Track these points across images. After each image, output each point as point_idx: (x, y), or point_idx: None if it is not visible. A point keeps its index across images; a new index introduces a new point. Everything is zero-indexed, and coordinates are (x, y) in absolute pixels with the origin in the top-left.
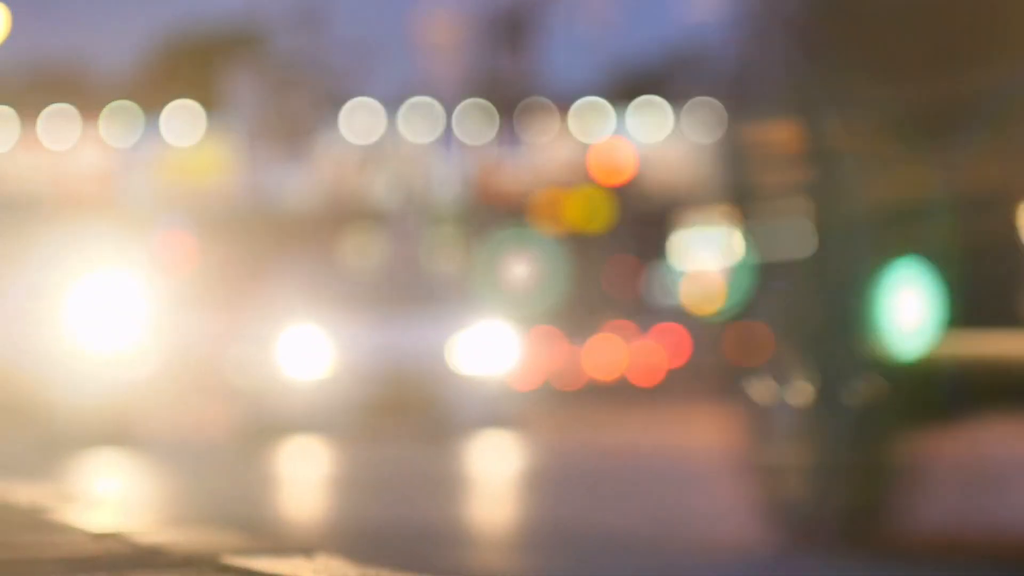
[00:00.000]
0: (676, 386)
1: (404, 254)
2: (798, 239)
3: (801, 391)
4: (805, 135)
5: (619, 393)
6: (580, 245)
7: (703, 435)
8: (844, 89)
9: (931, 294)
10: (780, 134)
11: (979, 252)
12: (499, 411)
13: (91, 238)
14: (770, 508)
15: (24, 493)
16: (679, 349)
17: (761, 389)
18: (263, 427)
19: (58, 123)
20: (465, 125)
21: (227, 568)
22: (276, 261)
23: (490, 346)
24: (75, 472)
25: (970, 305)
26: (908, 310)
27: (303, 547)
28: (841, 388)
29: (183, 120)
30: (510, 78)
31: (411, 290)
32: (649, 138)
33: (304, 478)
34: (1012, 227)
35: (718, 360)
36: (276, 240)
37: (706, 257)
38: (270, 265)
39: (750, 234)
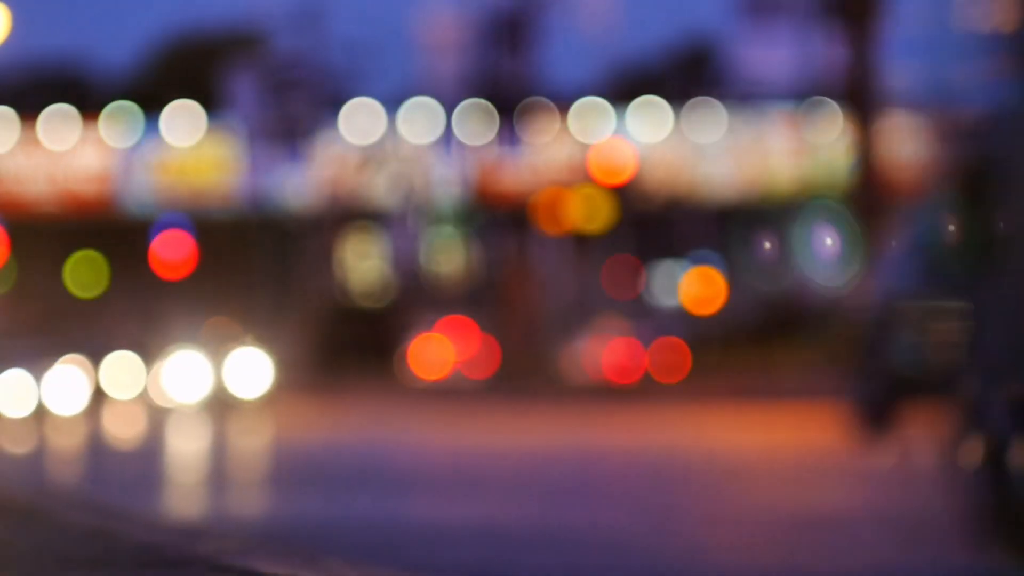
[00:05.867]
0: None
1: None
2: None
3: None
4: None
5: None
6: (580, 245)
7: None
8: None
9: None
10: None
11: None
12: None
13: None
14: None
15: (25, 493)
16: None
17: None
18: None
19: (58, 123)
20: (465, 125)
21: (227, 568)
22: None
23: None
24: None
25: None
26: None
27: (303, 547)
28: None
29: (183, 120)
30: (510, 78)
31: None
32: (649, 138)
33: None
34: None
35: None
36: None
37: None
38: None
39: None
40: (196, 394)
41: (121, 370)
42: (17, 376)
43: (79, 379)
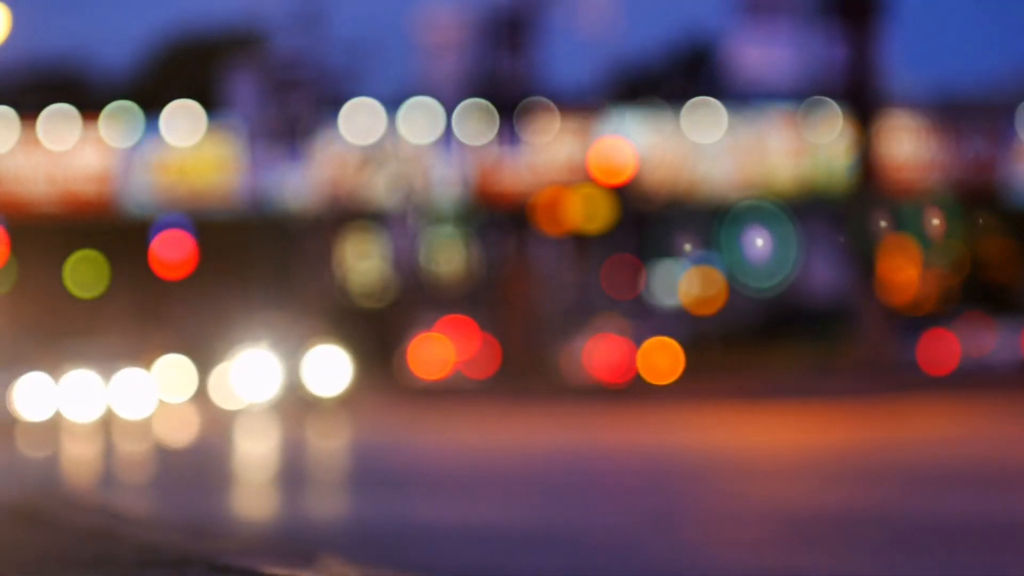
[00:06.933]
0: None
1: None
2: None
3: None
4: None
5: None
6: (580, 245)
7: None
8: None
9: None
10: None
11: None
12: None
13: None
14: None
15: (25, 493)
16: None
17: None
18: None
19: (58, 123)
20: (465, 125)
21: (226, 568)
22: None
23: None
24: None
25: None
26: None
27: (303, 547)
28: None
29: (183, 120)
30: (510, 78)
31: None
32: (649, 138)
33: None
34: None
35: None
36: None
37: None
38: None
39: None
40: (266, 394)
41: (174, 374)
42: (82, 379)
43: (142, 383)
